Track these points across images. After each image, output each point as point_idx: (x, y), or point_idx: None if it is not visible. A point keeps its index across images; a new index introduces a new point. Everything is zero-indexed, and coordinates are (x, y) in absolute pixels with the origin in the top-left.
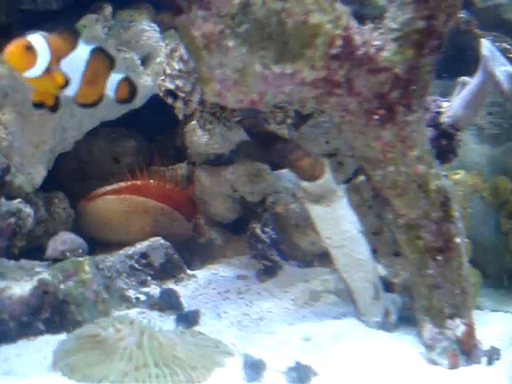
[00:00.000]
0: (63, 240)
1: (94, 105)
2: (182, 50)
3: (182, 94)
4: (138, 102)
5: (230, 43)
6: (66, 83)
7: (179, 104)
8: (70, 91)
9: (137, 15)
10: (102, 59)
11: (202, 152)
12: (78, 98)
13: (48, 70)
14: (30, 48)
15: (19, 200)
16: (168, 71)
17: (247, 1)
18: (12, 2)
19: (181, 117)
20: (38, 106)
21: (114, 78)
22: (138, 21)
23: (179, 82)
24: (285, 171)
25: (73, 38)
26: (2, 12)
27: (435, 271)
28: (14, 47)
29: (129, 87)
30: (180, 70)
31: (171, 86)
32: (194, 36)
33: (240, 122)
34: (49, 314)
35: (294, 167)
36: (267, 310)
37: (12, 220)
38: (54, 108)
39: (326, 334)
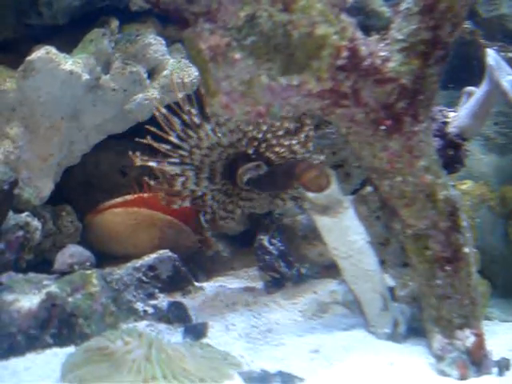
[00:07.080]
0: (71, 253)
1: None
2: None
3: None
4: (145, 115)
5: (237, 55)
6: None
7: None
8: None
9: (143, 29)
10: None
11: None
12: None
13: None
14: None
15: (27, 213)
16: None
17: (253, 13)
18: (19, 17)
19: None
20: None
21: None
22: (144, 34)
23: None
24: None
25: None
26: (9, 27)
27: (444, 281)
28: None
29: None
30: None
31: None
32: (200, 49)
33: (247, 183)
34: (57, 327)
35: (300, 179)
36: (275, 321)
37: (20, 233)
38: None
39: (335, 346)
